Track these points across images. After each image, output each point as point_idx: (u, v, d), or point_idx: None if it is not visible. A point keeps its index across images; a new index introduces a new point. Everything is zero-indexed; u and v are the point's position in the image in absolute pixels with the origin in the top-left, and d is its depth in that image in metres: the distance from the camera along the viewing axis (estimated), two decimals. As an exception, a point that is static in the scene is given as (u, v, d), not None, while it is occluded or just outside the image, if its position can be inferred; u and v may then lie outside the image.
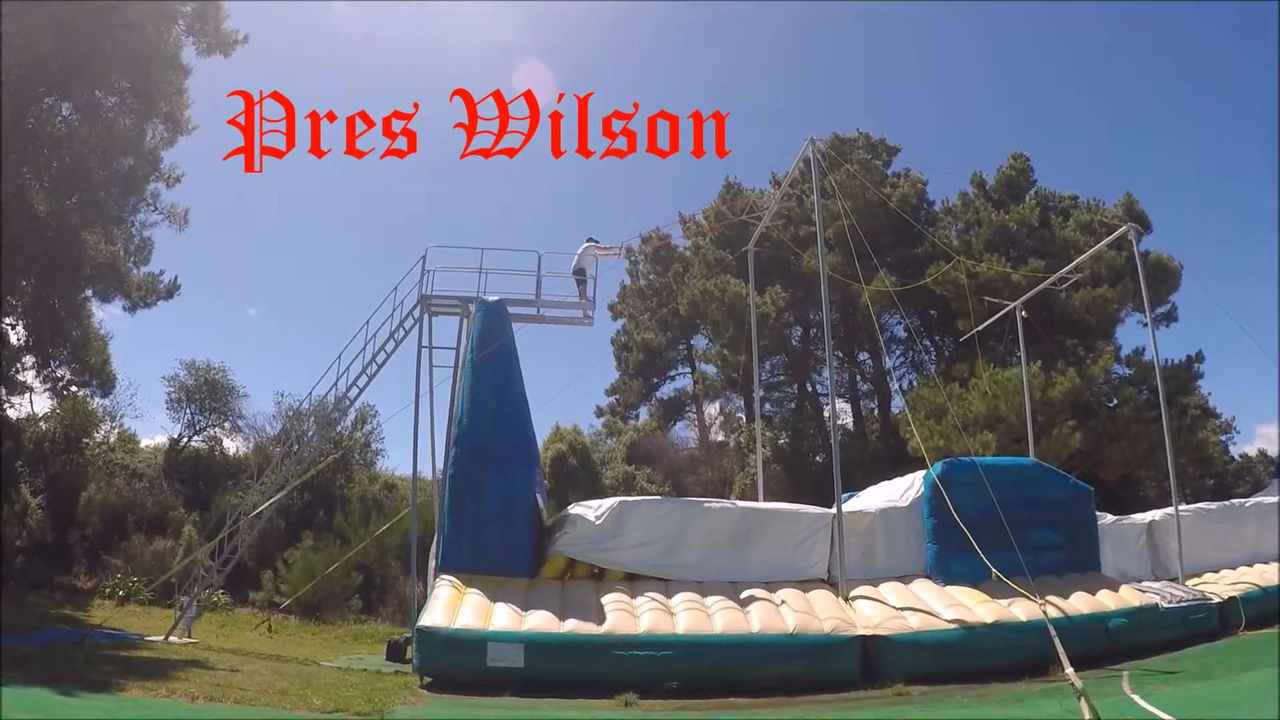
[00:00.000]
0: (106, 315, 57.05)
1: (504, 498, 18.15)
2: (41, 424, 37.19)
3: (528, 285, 21.99)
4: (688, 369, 51.49)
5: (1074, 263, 30.57)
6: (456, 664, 14.86)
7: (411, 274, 22.02)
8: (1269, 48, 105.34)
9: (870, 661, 15.84)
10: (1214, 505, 25.89)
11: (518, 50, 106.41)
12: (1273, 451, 45.13)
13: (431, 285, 21.67)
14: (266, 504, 23.52)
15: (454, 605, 15.81)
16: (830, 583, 18.33)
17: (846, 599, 17.50)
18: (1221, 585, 21.44)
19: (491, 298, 20.90)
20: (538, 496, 19.16)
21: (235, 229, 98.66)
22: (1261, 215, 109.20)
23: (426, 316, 21.75)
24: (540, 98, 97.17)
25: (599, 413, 53.26)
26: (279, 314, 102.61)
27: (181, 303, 34.65)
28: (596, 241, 23.27)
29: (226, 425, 46.14)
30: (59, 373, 33.72)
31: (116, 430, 42.49)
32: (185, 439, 44.71)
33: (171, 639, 21.48)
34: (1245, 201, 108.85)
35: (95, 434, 40.29)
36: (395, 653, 21.04)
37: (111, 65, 25.98)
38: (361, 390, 23.20)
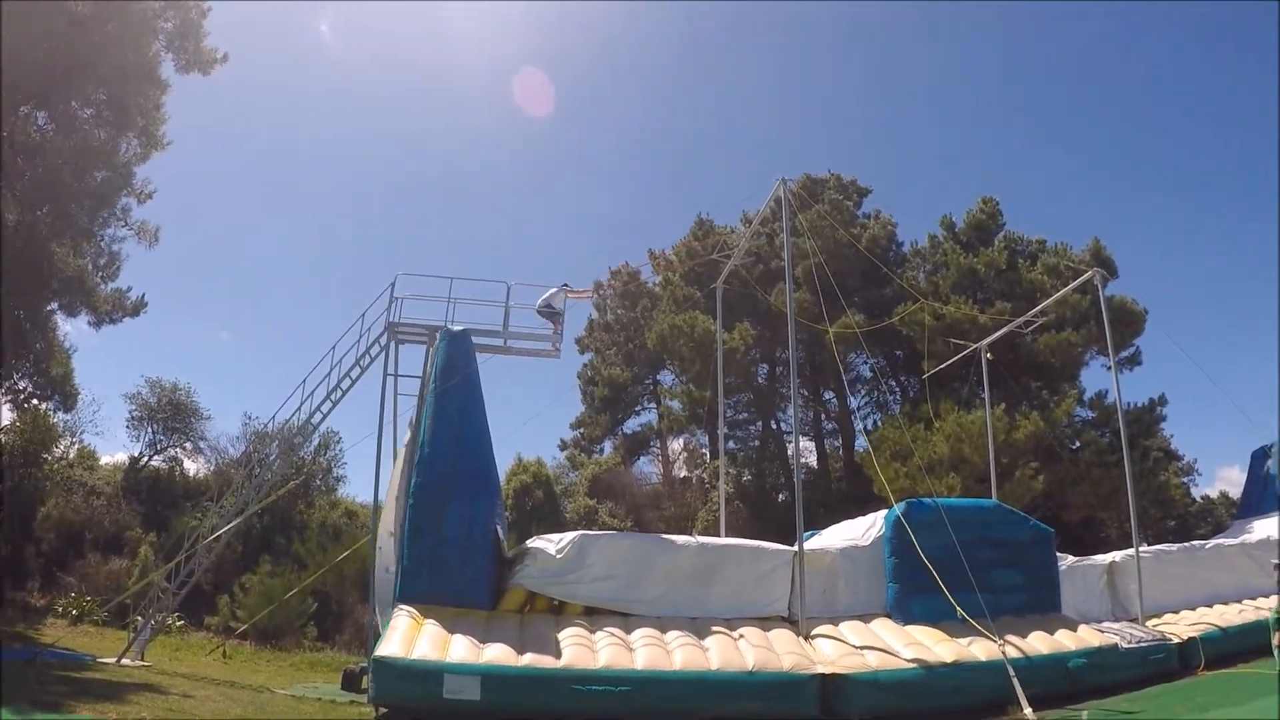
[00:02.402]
0: (72, 329, 56.54)
1: (464, 528, 17.93)
2: (0, 436, 36.78)
3: (496, 316, 21.90)
4: (653, 404, 51.49)
5: (1039, 306, 30.86)
6: (412, 695, 14.65)
7: (380, 301, 21.87)
8: (1237, 94, 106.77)
9: (830, 700, 15.81)
10: (1174, 547, 26.23)
11: (505, 68, 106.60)
12: (1234, 494, 45.39)
13: (399, 313, 21.48)
14: (226, 527, 23.28)
15: (411, 635, 15.61)
16: (791, 620, 18.26)
17: (807, 637, 17.47)
18: (1181, 626, 21.61)
19: (457, 327, 20.77)
20: (498, 528, 18.99)
21: (210, 249, 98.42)
22: (1227, 261, 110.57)
23: (393, 344, 21.54)
24: (538, 109, 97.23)
25: (563, 445, 53.16)
26: (252, 337, 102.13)
27: (153, 322, 34.57)
28: (570, 287, 23.24)
29: (188, 446, 45.87)
30: (20, 385, 33.34)
31: (76, 446, 42.07)
32: (146, 458, 44.37)
33: (125, 661, 21.18)
34: (1211, 247, 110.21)
35: (55, 449, 39.76)
36: (351, 682, 20.75)
37: (89, 77, 25.82)
38: (325, 416, 23.01)
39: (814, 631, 17.70)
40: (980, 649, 17.12)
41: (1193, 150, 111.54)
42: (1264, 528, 29.26)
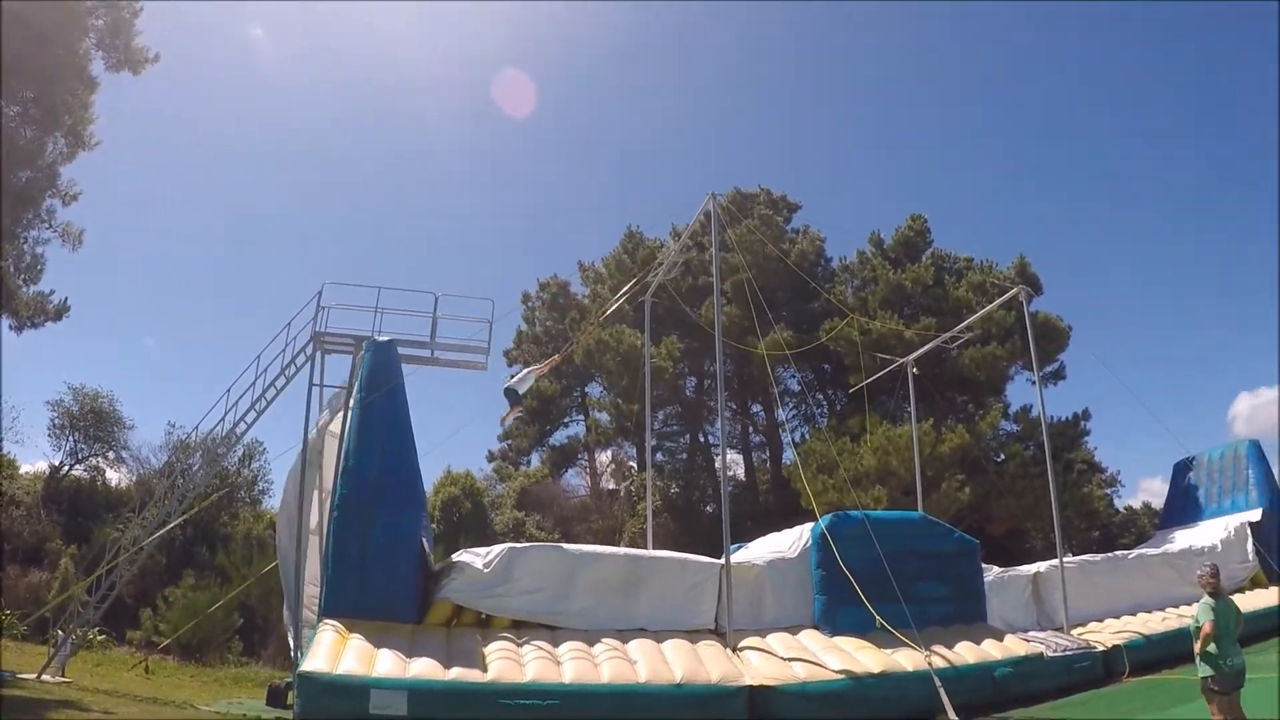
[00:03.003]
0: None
1: (390, 541, 17.66)
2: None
3: (424, 326, 21.73)
4: (581, 416, 51.28)
5: (966, 322, 31.22)
6: (338, 711, 14.35)
7: (307, 310, 21.52)
8: (1163, 110, 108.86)
9: (758, 712, 15.82)
10: (1098, 557, 26.66)
11: (444, 74, 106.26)
12: (1156, 504, 46.26)
13: (326, 322, 21.14)
14: (148, 539, 22.88)
15: (337, 650, 15.35)
16: (718, 633, 18.26)
17: (734, 649, 17.47)
18: (1106, 634, 21.99)
19: (383, 338, 20.54)
20: (424, 540, 18.79)
21: (136, 253, 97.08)
22: (1149, 278, 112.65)
23: (319, 353, 21.24)
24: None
25: (490, 457, 52.74)
26: (178, 344, 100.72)
27: (77, 327, 33.75)
28: (537, 369, 23.51)
29: (110, 455, 45.12)
30: (-65, 390, 32.59)
31: (-6, 454, 41.07)
32: (67, 467, 43.61)
33: (45, 677, 20.78)
34: (1133, 265, 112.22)
35: (-29, 457, 38.98)
36: (276, 698, 20.37)
37: (15, 74, 25.22)
38: (250, 426, 22.65)
39: (741, 644, 17.70)
40: (907, 659, 17.26)
41: (1118, 168, 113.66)
42: (1186, 537, 29.84)
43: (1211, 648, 9.87)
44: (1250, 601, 24.39)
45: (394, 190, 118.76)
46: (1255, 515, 29.60)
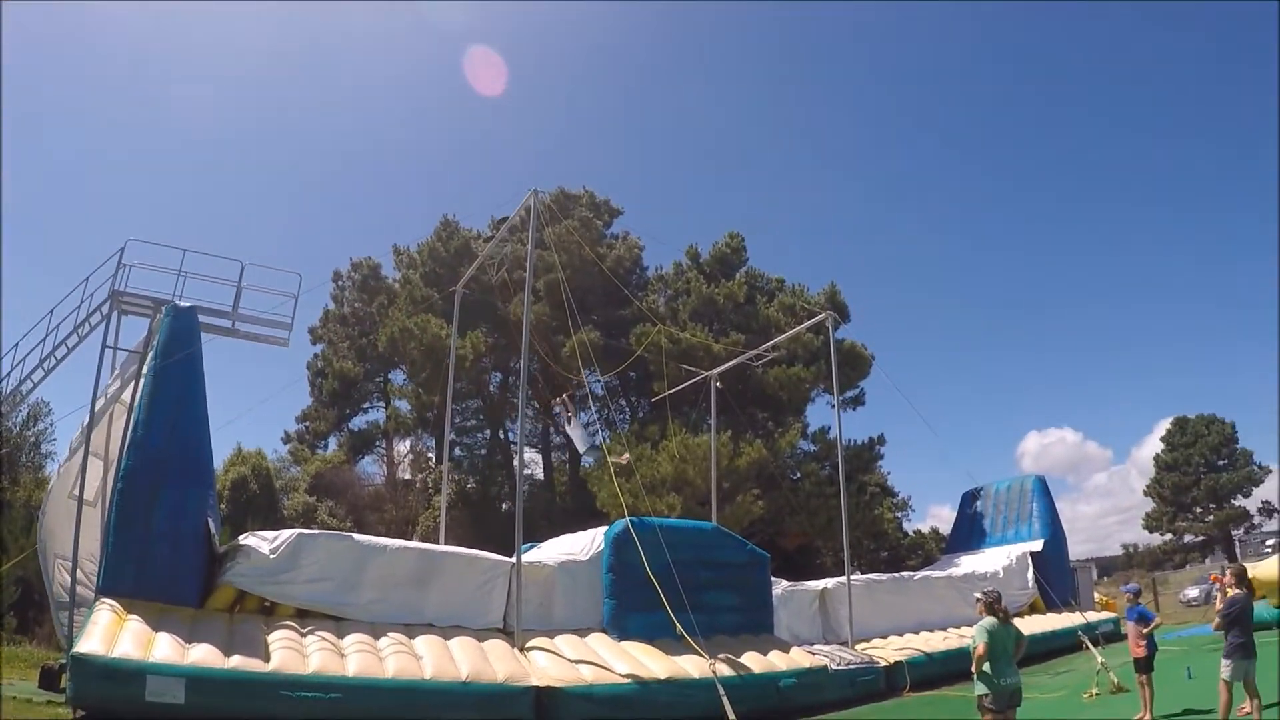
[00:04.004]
0: None
1: (174, 519, 16.94)
2: None
3: (227, 295, 20.88)
4: (382, 403, 50.36)
5: (773, 341, 31.92)
6: (113, 697, 13.67)
7: (107, 267, 20.11)
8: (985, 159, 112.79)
9: (544, 713, 15.94)
10: (885, 576, 27.72)
11: (241, 44, 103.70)
12: (944, 530, 48.05)
13: (126, 281, 19.88)
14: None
15: (113, 632, 14.64)
16: (506, 632, 18.25)
17: (522, 649, 17.49)
18: (889, 650, 22.90)
19: (184, 303, 19.72)
20: (210, 520, 18.09)
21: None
22: (952, 319, 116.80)
23: (115, 314, 20.12)
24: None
25: (286, 438, 51.22)
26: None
27: None
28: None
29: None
30: None
31: None
32: None
33: None
34: (940, 303, 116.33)
35: None
36: (49, 680, 19.32)
37: None
38: (36, 385, 21.27)
39: (529, 644, 17.77)
40: (694, 666, 17.51)
41: (933, 198, 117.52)
42: (970, 563, 31.17)
43: (986, 667, 10.20)
44: (1031, 625, 25.66)
45: (211, 157, 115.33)
46: (1037, 546, 31.14)
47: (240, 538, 17.74)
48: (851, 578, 24.38)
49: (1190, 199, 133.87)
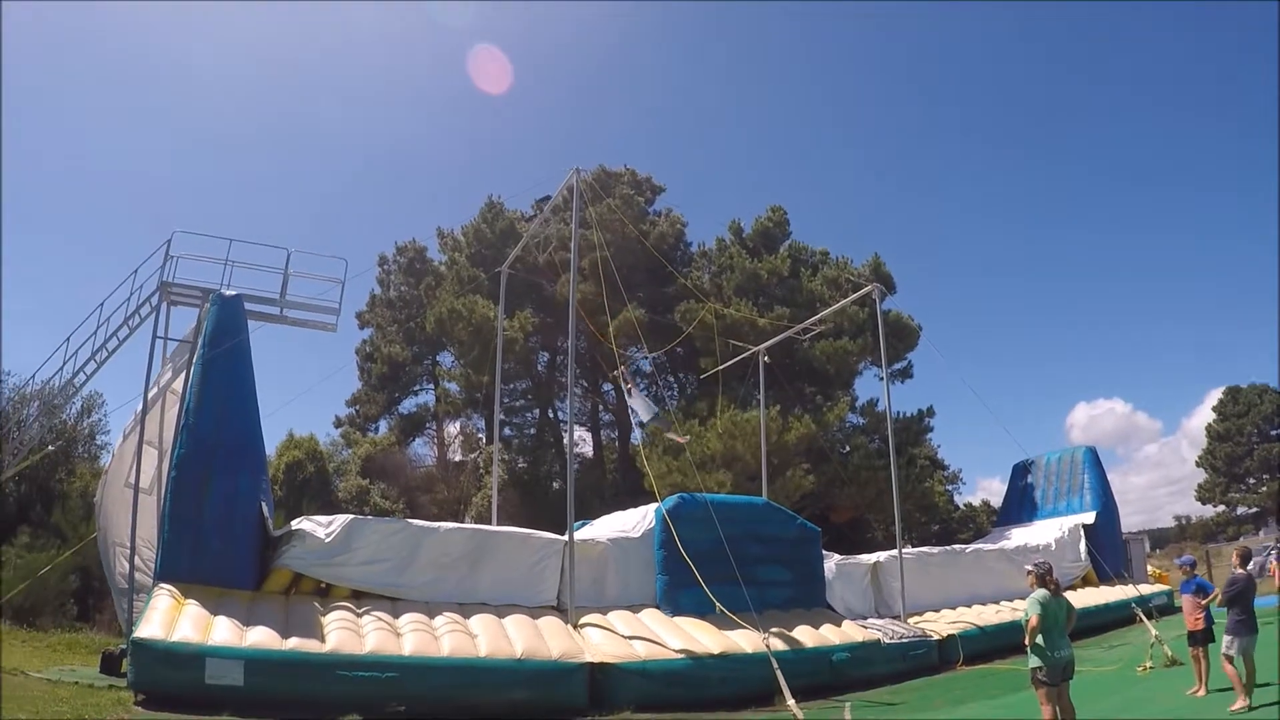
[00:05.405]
0: None
1: (228, 504, 17.19)
2: None
3: (274, 282, 21.05)
4: (431, 385, 50.55)
5: (819, 315, 31.70)
6: (173, 680, 13.89)
7: (155, 259, 20.41)
8: (1032, 121, 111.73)
9: (598, 689, 15.93)
10: (937, 549, 27.45)
11: (287, 34, 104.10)
12: (995, 502, 47.72)
13: (174, 272, 20.13)
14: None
15: (172, 616, 14.83)
16: (560, 609, 18.30)
17: (576, 626, 17.51)
18: (941, 624, 22.74)
19: (231, 292, 19.88)
20: (264, 505, 18.27)
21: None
22: (998, 286, 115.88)
23: (165, 305, 20.30)
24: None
25: (337, 423, 51.63)
26: (15, 290, 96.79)
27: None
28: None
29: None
30: None
31: None
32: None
33: None
34: (984, 272, 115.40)
35: None
36: (110, 665, 19.52)
37: None
38: (89, 377, 21.51)
39: (582, 621, 17.77)
40: (747, 641, 17.46)
41: (975, 176, 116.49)
42: (1022, 535, 30.88)
43: (1040, 640, 10.13)
44: (1083, 598, 25.50)
45: (252, 145, 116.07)
46: (1089, 518, 30.77)
47: (294, 522, 17.91)
48: (903, 551, 24.28)
49: (1237, 174, 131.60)
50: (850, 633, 19.85)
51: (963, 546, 29.56)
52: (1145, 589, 29.21)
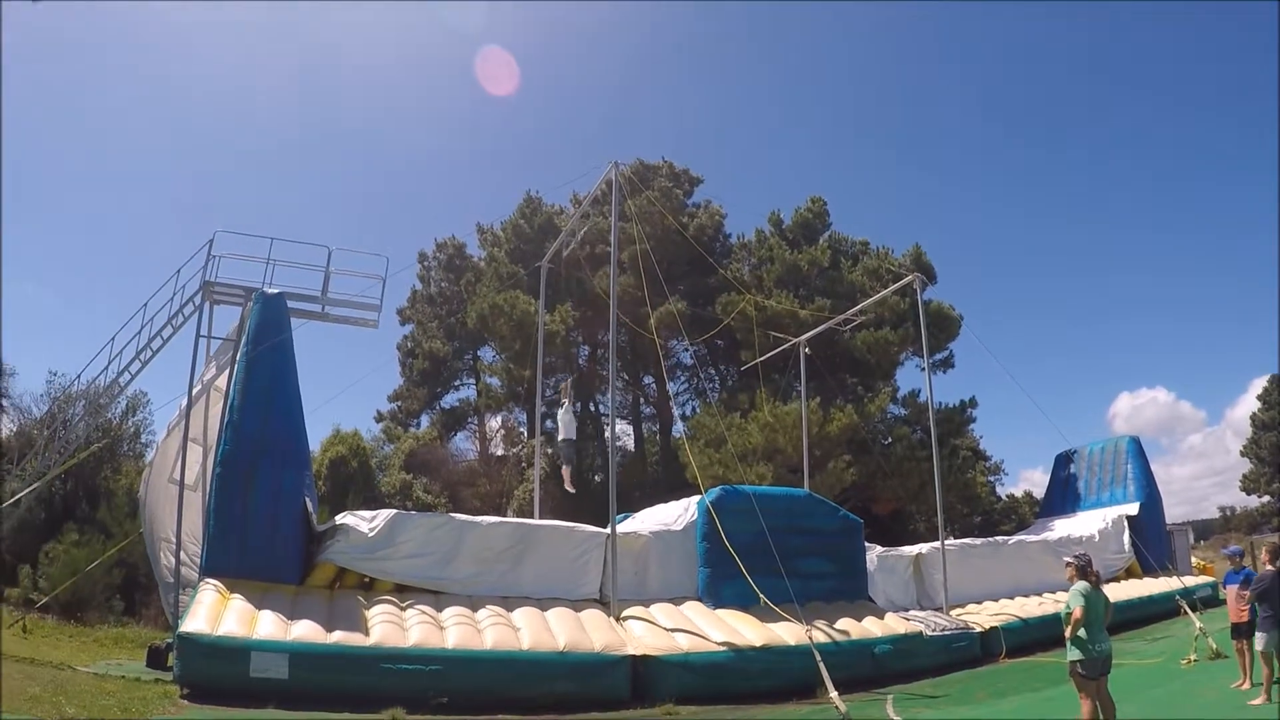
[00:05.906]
0: None
1: (273, 499, 17.45)
2: None
3: (315, 280, 21.28)
4: (472, 380, 50.67)
5: (860, 305, 31.55)
6: (219, 673, 14.09)
7: (197, 259, 20.71)
8: (1061, 111, 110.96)
9: (641, 681, 15.93)
10: (979, 541, 27.27)
11: (330, 30, 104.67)
12: (1037, 494, 47.37)
13: (216, 271, 20.42)
14: (25, 491, 22.12)
15: (217, 611, 15.04)
16: (602, 602, 18.35)
17: (618, 619, 17.55)
18: (984, 616, 22.57)
19: (273, 290, 20.09)
20: (307, 500, 18.47)
21: (19, 195, 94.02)
22: (1038, 277, 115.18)
23: (208, 304, 20.55)
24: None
25: (379, 418, 51.84)
26: (62, 291, 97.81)
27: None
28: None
29: (-10, 402, 43.56)
30: None
31: None
32: (-60, 414, 41.98)
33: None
34: (1024, 261, 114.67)
35: None
36: (156, 659, 19.73)
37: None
38: (134, 376, 21.79)
39: (625, 613, 17.81)
40: (789, 634, 17.42)
41: (1014, 166, 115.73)
42: (1065, 526, 30.68)
43: (1081, 633, 10.06)
44: (1127, 591, 25.30)
45: (291, 146, 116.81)
46: (1133, 509, 30.50)
47: (337, 517, 18.10)
48: (946, 543, 24.17)
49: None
50: (892, 625, 19.74)
51: (1005, 538, 29.39)
52: (1189, 581, 28.94)
